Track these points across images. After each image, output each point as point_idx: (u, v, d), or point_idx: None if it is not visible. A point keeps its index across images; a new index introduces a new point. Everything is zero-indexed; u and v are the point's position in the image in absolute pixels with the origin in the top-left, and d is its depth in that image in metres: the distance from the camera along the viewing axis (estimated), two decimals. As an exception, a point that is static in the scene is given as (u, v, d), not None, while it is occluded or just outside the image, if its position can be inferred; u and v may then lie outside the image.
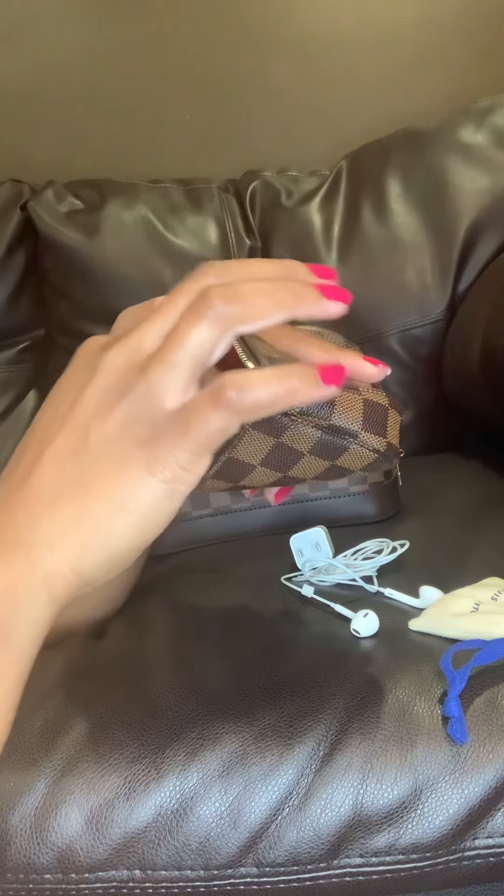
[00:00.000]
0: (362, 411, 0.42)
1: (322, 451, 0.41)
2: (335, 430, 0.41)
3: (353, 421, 0.41)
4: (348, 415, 0.41)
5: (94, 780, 0.47)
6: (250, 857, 0.46)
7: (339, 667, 0.52)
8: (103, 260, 1.12)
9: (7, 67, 1.30)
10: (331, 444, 0.41)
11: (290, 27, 1.31)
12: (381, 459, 0.43)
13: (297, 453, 0.41)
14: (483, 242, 1.09)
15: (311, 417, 0.40)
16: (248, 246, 1.16)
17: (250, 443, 0.40)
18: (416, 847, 0.46)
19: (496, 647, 0.48)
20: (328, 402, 0.40)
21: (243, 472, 0.41)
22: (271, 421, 0.39)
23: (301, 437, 0.40)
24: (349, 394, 0.42)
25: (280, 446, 0.40)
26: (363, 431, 0.41)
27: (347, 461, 0.43)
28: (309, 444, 0.41)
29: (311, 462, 0.42)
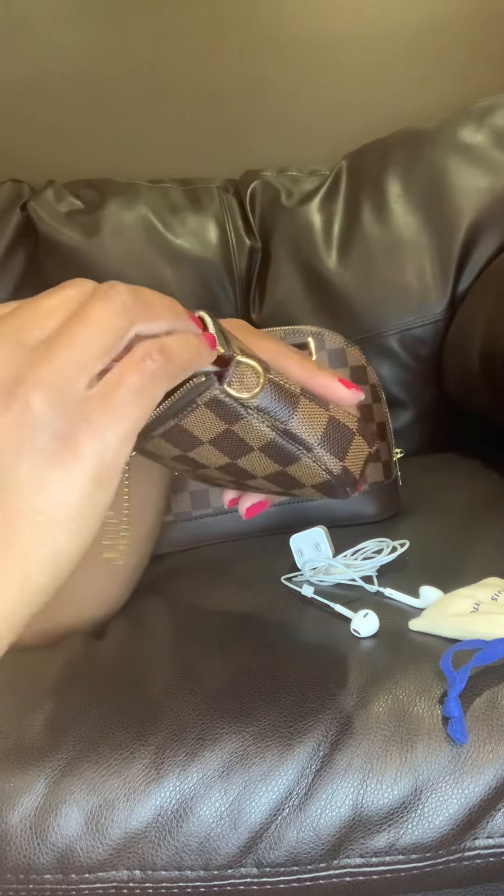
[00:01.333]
0: (324, 427, 0.40)
1: (273, 453, 0.41)
2: (290, 435, 0.40)
3: (312, 434, 0.40)
4: (308, 426, 0.40)
5: (94, 780, 0.47)
6: (250, 858, 0.46)
7: (339, 667, 0.52)
8: (103, 260, 1.12)
9: (7, 67, 1.30)
10: (283, 448, 0.40)
11: (290, 27, 1.31)
12: (333, 482, 0.42)
13: (247, 446, 0.41)
14: (483, 242, 1.09)
15: (267, 416, 0.39)
16: (248, 246, 1.16)
17: (200, 419, 0.39)
18: (416, 847, 0.46)
19: (496, 647, 0.48)
20: (290, 406, 0.39)
21: (192, 443, 0.41)
22: (224, 406, 0.38)
23: (253, 432, 0.40)
24: (316, 406, 0.41)
25: (230, 433, 0.40)
26: (318, 447, 0.40)
27: (298, 472, 0.42)
28: (260, 441, 0.40)
29: (260, 459, 0.41)
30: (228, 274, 1.15)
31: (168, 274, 1.13)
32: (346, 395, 0.42)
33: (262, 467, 0.42)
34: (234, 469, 0.43)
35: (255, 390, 0.38)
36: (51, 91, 1.31)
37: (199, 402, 0.38)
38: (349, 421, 0.42)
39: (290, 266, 1.14)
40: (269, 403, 0.39)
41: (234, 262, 1.16)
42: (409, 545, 0.66)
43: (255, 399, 0.38)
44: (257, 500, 0.51)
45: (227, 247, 1.16)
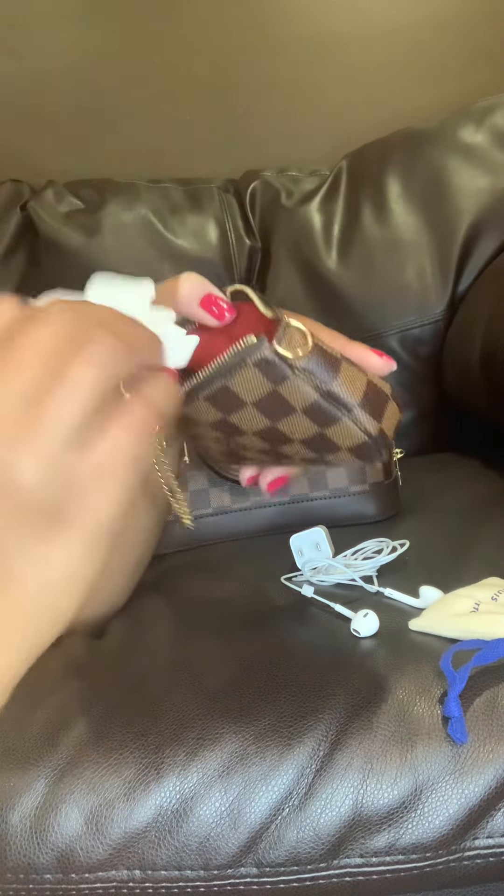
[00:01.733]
0: (364, 390, 0.42)
1: (314, 414, 0.42)
2: (332, 397, 0.41)
3: (352, 395, 0.41)
4: (349, 387, 0.41)
5: (94, 780, 0.47)
6: (250, 857, 0.46)
7: (339, 667, 0.52)
8: (103, 260, 1.12)
9: (7, 67, 1.30)
10: (325, 409, 0.41)
11: (290, 27, 1.31)
12: (370, 444, 0.43)
13: (290, 407, 0.42)
14: (483, 242, 1.09)
15: (312, 377, 0.40)
16: (248, 246, 1.16)
17: (248, 379, 0.40)
18: (416, 847, 0.46)
19: (496, 647, 0.48)
20: (333, 369, 0.41)
21: (235, 405, 0.42)
22: (273, 366, 0.40)
23: (297, 393, 0.41)
24: (355, 369, 0.42)
25: (275, 394, 0.41)
26: (358, 408, 0.42)
27: (336, 434, 0.43)
28: (304, 402, 0.41)
29: (300, 421, 0.42)
30: (228, 274, 1.15)
31: (168, 274, 1.12)
32: (380, 363, 0.44)
33: (302, 430, 0.43)
34: (272, 433, 0.44)
35: (304, 351, 0.40)
36: (51, 91, 1.31)
37: (248, 361, 0.39)
38: (384, 387, 0.44)
39: (290, 266, 1.14)
40: (314, 365, 0.40)
41: (234, 262, 1.16)
42: (408, 545, 0.66)
43: (302, 360, 0.40)
44: (279, 475, 0.51)
45: (227, 247, 1.16)
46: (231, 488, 0.77)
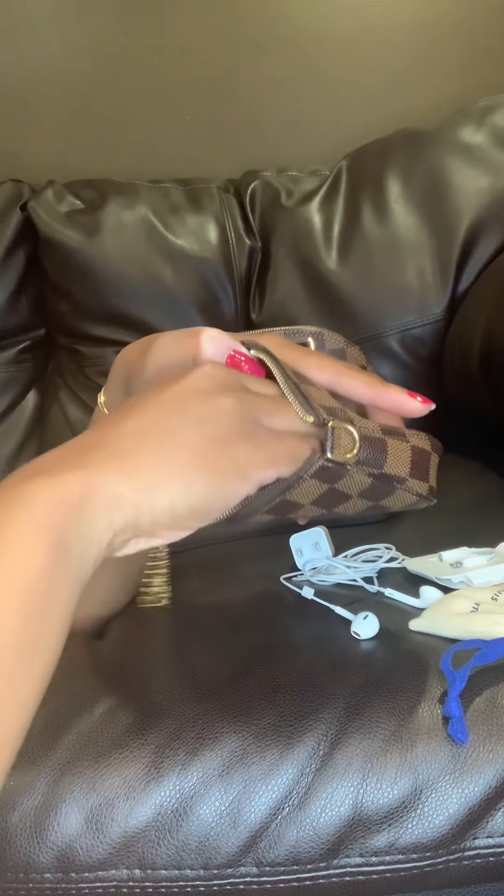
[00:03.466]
0: (410, 459, 0.43)
1: (370, 494, 0.43)
2: (385, 477, 0.42)
3: (403, 469, 0.43)
4: (398, 463, 0.42)
5: (93, 779, 0.47)
6: (250, 857, 0.46)
7: (339, 667, 0.52)
8: (103, 260, 1.12)
9: (7, 67, 1.30)
10: (380, 489, 0.43)
11: (291, 27, 1.31)
12: (421, 500, 0.45)
13: (346, 496, 0.43)
14: (483, 242, 1.09)
15: (366, 467, 0.41)
16: (248, 246, 1.16)
17: (305, 488, 0.41)
18: (416, 847, 0.46)
19: (496, 646, 0.48)
20: (381, 453, 0.42)
21: (291, 509, 0.43)
22: (328, 471, 0.40)
23: (353, 484, 0.42)
24: (399, 442, 0.43)
25: (332, 491, 0.42)
26: (410, 478, 0.43)
27: (390, 502, 0.45)
28: (359, 489, 0.42)
29: (356, 503, 0.44)
30: (228, 274, 1.15)
31: (168, 274, 1.13)
32: (419, 407, 0.44)
33: (356, 508, 0.44)
34: (329, 515, 0.45)
35: (353, 451, 0.40)
36: (51, 91, 1.31)
37: (306, 476, 0.40)
38: (424, 444, 0.45)
39: (290, 266, 1.14)
40: (365, 456, 0.41)
41: (234, 262, 1.16)
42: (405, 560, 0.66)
43: (353, 458, 0.40)
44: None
45: (227, 247, 1.16)
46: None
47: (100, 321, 1.14)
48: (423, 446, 0.45)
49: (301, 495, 0.42)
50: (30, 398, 1.18)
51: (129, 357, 0.48)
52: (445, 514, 0.80)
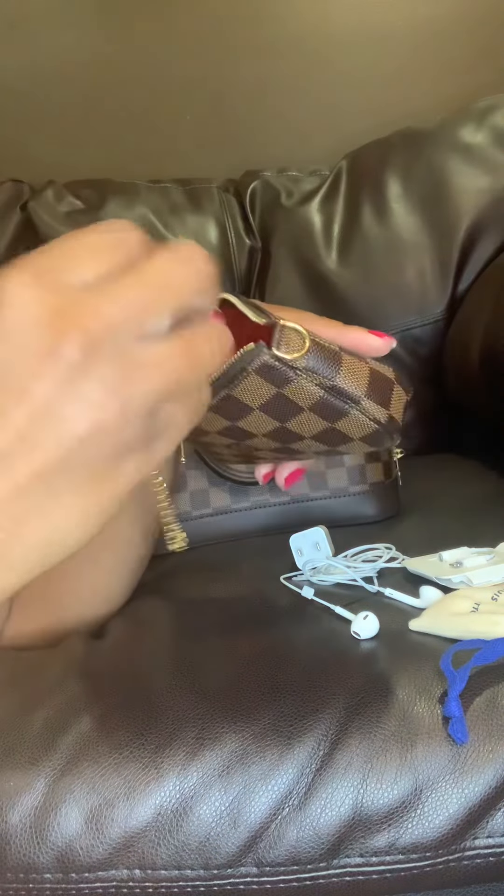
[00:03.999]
0: (368, 379, 0.42)
1: (322, 410, 0.42)
2: (338, 391, 0.41)
3: (357, 386, 0.41)
4: (353, 379, 0.41)
5: (94, 779, 0.47)
6: (250, 857, 0.46)
7: (339, 667, 0.52)
8: (103, 260, 1.12)
9: (7, 67, 1.30)
10: (332, 405, 0.41)
11: (290, 27, 1.31)
12: (381, 432, 0.43)
13: (297, 407, 0.42)
14: (483, 242, 1.09)
15: (315, 375, 0.40)
16: (248, 246, 1.16)
17: (251, 386, 0.40)
18: (416, 847, 0.46)
19: (496, 646, 0.48)
20: (334, 363, 0.40)
21: (241, 412, 0.42)
22: (274, 370, 0.39)
23: (302, 393, 0.41)
24: (356, 360, 0.42)
25: (280, 396, 0.41)
26: (365, 398, 0.42)
27: (347, 427, 0.43)
28: (310, 401, 0.41)
29: (309, 418, 0.42)
30: (228, 274, 1.15)
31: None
32: (380, 343, 0.43)
33: (311, 427, 0.43)
34: (283, 433, 0.44)
35: (301, 350, 0.39)
36: (51, 91, 1.31)
37: (249, 369, 0.39)
38: (387, 371, 0.43)
39: (290, 266, 1.14)
40: (315, 363, 0.40)
41: (234, 262, 1.16)
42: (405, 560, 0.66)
43: (302, 360, 0.39)
44: (294, 468, 0.51)
45: (227, 247, 1.16)
46: (231, 488, 0.77)
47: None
48: (384, 372, 0.43)
49: (247, 395, 0.40)
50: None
51: None
52: (445, 514, 0.80)
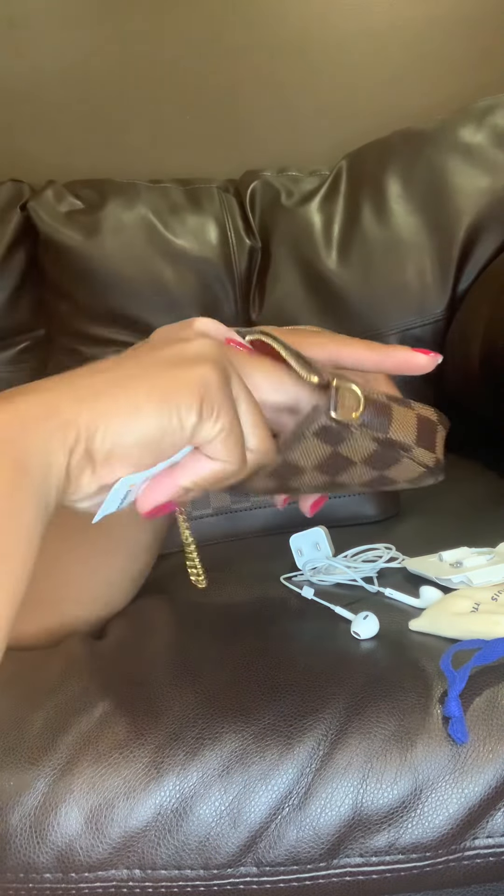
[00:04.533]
0: (416, 426, 0.42)
1: (375, 461, 0.42)
2: (391, 443, 0.41)
3: (408, 436, 0.42)
4: (404, 430, 0.42)
5: (93, 779, 0.47)
6: (250, 857, 0.46)
7: (339, 667, 0.52)
8: (103, 260, 1.12)
9: (6, 66, 1.30)
10: (385, 456, 0.42)
11: (290, 27, 1.31)
12: (427, 474, 0.44)
13: (350, 462, 0.42)
14: (483, 242, 1.09)
15: (370, 430, 0.40)
16: (248, 246, 1.16)
17: (308, 449, 0.41)
18: (416, 847, 0.46)
19: (496, 646, 0.48)
20: (386, 417, 0.41)
21: (295, 473, 0.42)
22: (332, 431, 0.40)
23: (357, 449, 0.41)
24: (404, 409, 0.42)
25: (336, 455, 0.41)
26: (416, 447, 0.42)
27: (396, 473, 0.44)
28: (364, 454, 0.42)
29: (361, 470, 0.43)
30: (228, 274, 1.15)
31: (168, 274, 1.13)
32: (426, 361, 0.43)
33: (361, 476, 0.44)
34: (330, 484, 0.44)
35: (358, 410, 0.39)
36: (51, 91, 1.31)
37: (307, 433, 0.39)
38: (430, 414, 0.44)
39: (290, 266, 1.14)
40: (370, 418, 0.40)
41: (234, 262, 1.16)
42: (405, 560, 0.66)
43: (357, 419, 0.39)
44: (316, 497, 0.51)
45: (227, 247, 1.16)
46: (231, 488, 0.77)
47: (100, 321, 1.14)
48: (428, 416, 0.44)
49: (303, 456, 0.41)
50: (30, 398, 1.18)
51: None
52: (445, 514, 0.80)
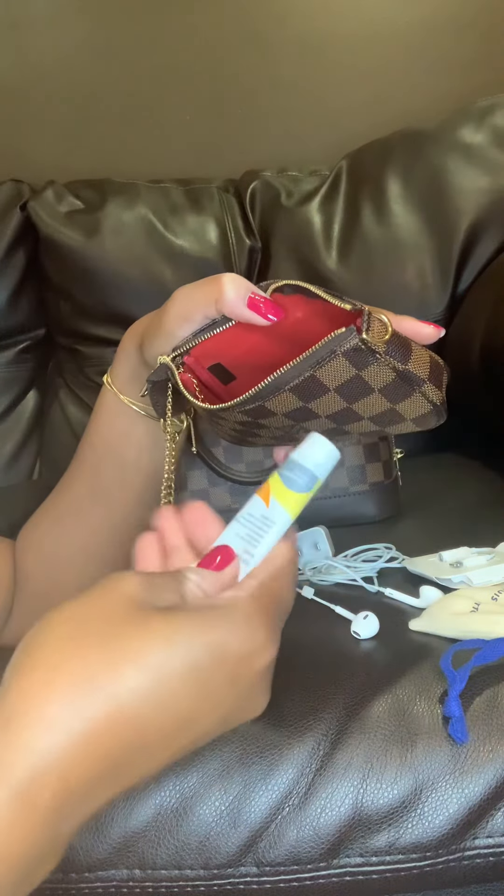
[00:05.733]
0: (429, 365, 0.45)
1: (389, 392, 0.44)
2: (407, 375, 0.43)
3: (423, 371, 0.44)
4: (420, 364, 0.44)
5: (94, 779, 0.47)
6: (250, 857, 0.46)
7: (339, 667, 0.52)
8: (103, 260, 1.12)
9: (7, 66, 1.30)
10: (400, 387, 0.44)
11: (291, 27, 1.31)
12: (433, 413, 0.47)
13: (369, 388, 0.44)
14: (483, 242, 1.09)
15: (391, 359, 0.42)
16: (248, 246, 1.16)
17: (335, 368, 0.42)
18: (416, 847, 0.46)
19: (496, 646, 0.48)
20: (407, 350, 0.43)
21: (318, 392, 0.44)
22: (359, 354, 0.41)
23: (378, 376, 0.43)
24: (421, 348, 0.45)
25: (357, 378, 0.43)
26: (428, 382, 0.44)
27: (406, 408, 0.46)
28: (382, 383, 0.43)
29: (377, 400, 0.45)
30: (228, 274, 1.15)
31: (168, 274, 1.13)
32: (431, 331, 0.46)
33: (374, 407, 0.45)
34: (346, 414, 0.46)
35: (385, 337, 0.41)
36: (51, 90, 1.31)
37: (338, 351, 0.41)
38: (439, 358, 0.47)
39: (290, 266, 1.14)
40: (393, 348, 0.42)
41: (234, 262, 1.16)
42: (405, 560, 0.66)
43: (383, 345, 0.42)
44: None
45: (227, 247, 1.15)
46: (231, 488, 0.77)
47: (100, 321, 1.14)
48: (437, 358, 0.46)
49: (328, 375, 0.43)
50: (30, 398, 1.18)
51: (141, 326, 0.50)
52: (445, 514, 0.80)
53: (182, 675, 0.31)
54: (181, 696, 0.31)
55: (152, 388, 0.47)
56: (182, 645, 0.31)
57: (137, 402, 0.53)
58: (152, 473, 0.56)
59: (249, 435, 0.49)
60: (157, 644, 0.31)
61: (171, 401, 0.48)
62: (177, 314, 0.47)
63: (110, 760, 0.30)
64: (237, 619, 0.34)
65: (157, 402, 0.48)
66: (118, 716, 0.30)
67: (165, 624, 0.32)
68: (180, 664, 0.31)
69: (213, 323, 0.46)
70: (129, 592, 0.33)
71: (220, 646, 0.33)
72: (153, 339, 0.48)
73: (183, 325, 0.46)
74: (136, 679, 0.30)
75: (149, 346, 0.49)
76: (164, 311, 0.47)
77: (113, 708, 0.30)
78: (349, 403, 0.45)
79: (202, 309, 0.46)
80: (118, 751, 0.30)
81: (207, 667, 0.32)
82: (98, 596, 0.33)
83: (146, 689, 0.30)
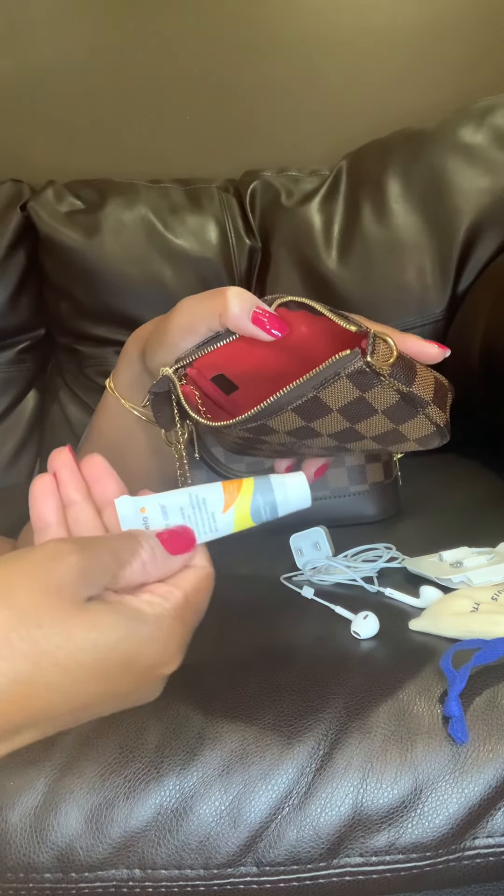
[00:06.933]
0: (434, 386, 0.45)
1: (393, 413, 0.44)
2: (411, 397, 0.43)
3: (427, 393, 0.44)
4: (424, 387, 0.44)
5: (93, 778, 0.47)
6: (250, 856, 0.46)
7: (339, 666, 0.52)
8: (103, 260, 1.12)
9: (7, 67, 1.30)
10: (403, 410, 0.44)
11: (290, 27, 1.31)
12: (436, 434, 0.47)
13: (372, 410, 0.44)
14: (483, 242, 1.09)
15: (395, 381, 0.42)
16: (248, 246, 1.16)
17: (338, 389, 0.42)
18: (416, 846, 0.46)
19: (496, 646, 0.48)
20: (412, 372, 0.43)
21: (320, 413, 0.44)
22: (363, 376, 0.41)
23: (382, 397, 0.43)
24: (426, 369, 0.45)
25: (361, 400, 0.43)
26: (432, 404, 0.44)
27: (409, 429, 0.46)
28: (386, 405, 0.44)
29: (380, 421, 0.45)
30: (228, 274, 1.15)
31: (168, 274, 1.13)
32: (437, 352, 0.46)
33: (377, 428, 0.45)
34: (349, 433, 0.46)
35: (391, 360, 0.41)
36: (51, 91, 1.31)
37: (342, 373, 0.41)
38: (443, 378, 0.46)
39: (290, 266, 1.14)
40: (398, 371, 0.42)
41: (234, 262, 1.16)
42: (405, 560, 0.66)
43: (388, 368, 0.41)
44: (321, 463, 0.53)
45: (227, 247, 1.15)
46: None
47: (100, 321, 1.14)
48: (443, 380, 0.46)
49: (332, 397, 0.42)
50: (30, 398, 1.18)
51: (145, 332, 0.50)
52: (445, 514, 0.80)
53: (91, 670, 0.32)
54: (84, 687, 0.33)
55: (154, 399, 0.47)
56: (99, 649, 0.33)
57: (139, 409, 0.53)
58: (155, 477, 0.56)
59: (251, 448, 0.49)
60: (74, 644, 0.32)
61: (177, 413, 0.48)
62: (180, 326, 0.46)
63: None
64: (158, 634, 0.35)
65: (158, 413, 0.48)
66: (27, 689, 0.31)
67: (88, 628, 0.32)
68: (91, 663, 0.32)
69: (217, 335, 0.46)
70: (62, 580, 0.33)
71: (135, 656, 0.34)
72: (156, 348, 0.48)
73: (186, 337, 0.46)
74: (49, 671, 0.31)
75: (151, 354, 0.48)
76: (168, 321, 0.47)
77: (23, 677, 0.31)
78: (352, 424, 0.45)
79: (206, 322, 0.45)
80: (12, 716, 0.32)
81: (117, 668, 0.33)
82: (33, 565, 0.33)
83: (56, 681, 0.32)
